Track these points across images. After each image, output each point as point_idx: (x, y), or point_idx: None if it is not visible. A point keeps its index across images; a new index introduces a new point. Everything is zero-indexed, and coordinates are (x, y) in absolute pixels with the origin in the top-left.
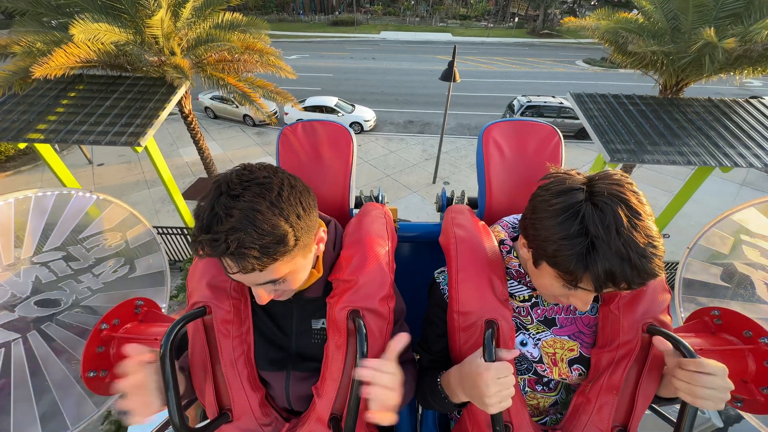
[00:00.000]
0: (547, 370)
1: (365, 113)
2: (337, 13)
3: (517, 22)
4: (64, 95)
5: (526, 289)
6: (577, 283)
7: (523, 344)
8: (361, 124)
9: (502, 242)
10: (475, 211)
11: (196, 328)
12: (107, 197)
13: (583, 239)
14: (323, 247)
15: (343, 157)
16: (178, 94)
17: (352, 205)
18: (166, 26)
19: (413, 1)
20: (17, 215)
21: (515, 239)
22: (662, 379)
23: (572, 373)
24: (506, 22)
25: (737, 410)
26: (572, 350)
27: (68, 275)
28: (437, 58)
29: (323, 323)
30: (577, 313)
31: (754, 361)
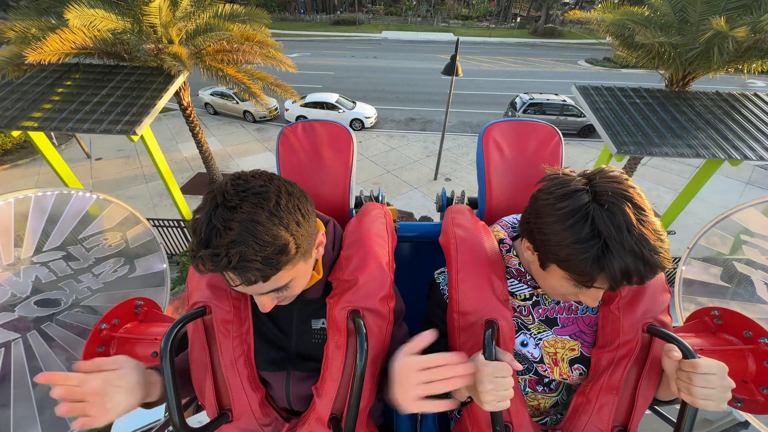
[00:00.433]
0: (547, 370)
1: (366, 110)
2: (338, 12)
3: (519, 22)
4: (59, 84)
5: (526, 287)
6: (591, 284)
7: (524, 344)
8: (362, 120)
9: (501, 241)
10: (475, 211)
11: (196, 328)
12: (107, 197)
13: (596, 241)
14: (323, 250)
15: (343, 156)
16: (176, 83)
17: (352, 205)
18: (164, 15)
19: (415, 1)
20: (17, 215)
21: (515, 239)
22: (661, 381)
23: (573, 372)
24: (508, 22)
25: (737, 410)
26: (573, 350)
27: (68, 275)
28: (439, 57)
29: (323, 323)
30: (578, 312)
31: (754, 361)
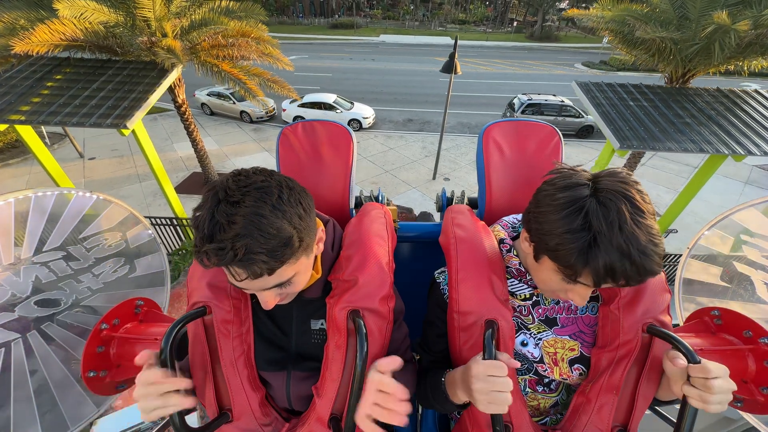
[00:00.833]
0: (547, 370)
1: (364, 110)
2: (336, 16)
3: (515, 27)
4: (49, 77)
5: (526, 287)
6: (576, 277)
7: (524, 344)
8: (359, 121)
9: (501, 241)
10: (475, 211)
11: (196, 328)
12: (107, 197)
13: (585, 234)
14: (323, 246)
15: (343, 157)
16: (170, 76)
17: (352, 205)
18: (158, 9)
19: (412, 5)
20: (17, 215)
21: (515, 239)
22: (661, 381)
23: (573, 372)
24: (504, 26)
25: (737, 410)
26: (573, 350)
27: (68, 275)
28: (436, 60)
29: (322, 323)
30: (578, 312)
31: (754, 361)
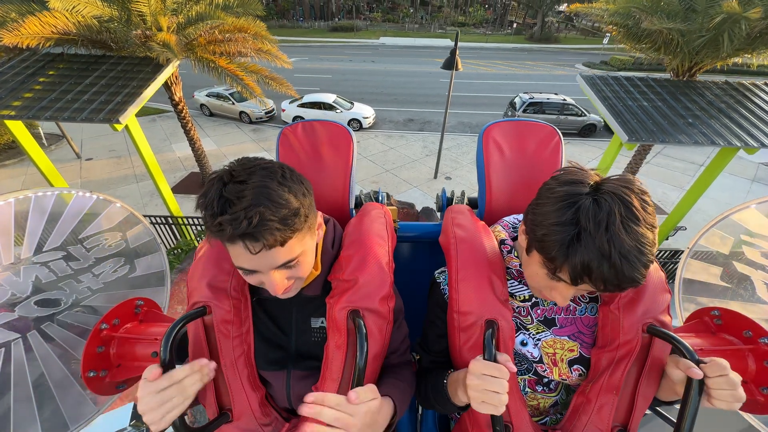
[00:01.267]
0: (547, 370)
1: (364, 110)
2: (336, 19)
3: (515, 28)
4: (41, 73)
5: (526, 289)
6: (555, 271)
7: (523, 344)
8: (359, 121)
9: (502, 242)
10: (475, 211)
11: (196, 328)
12: (108, 197)
13: (571, 228)
14: (322, 233)
15: (343, 157)
16: (165, 71)
17: (352, 205)
18: (153, 3)
19: (412, 8)
20: (17, 215)
21: (516, 239)
22: (661, 381)
23: (572, 373)
24: (504, 29)
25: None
26: (572, 350)
27: (68, 275)
28: (436, 61)
29: (322, 322)
30: (576, 313)
31: (754, 361)
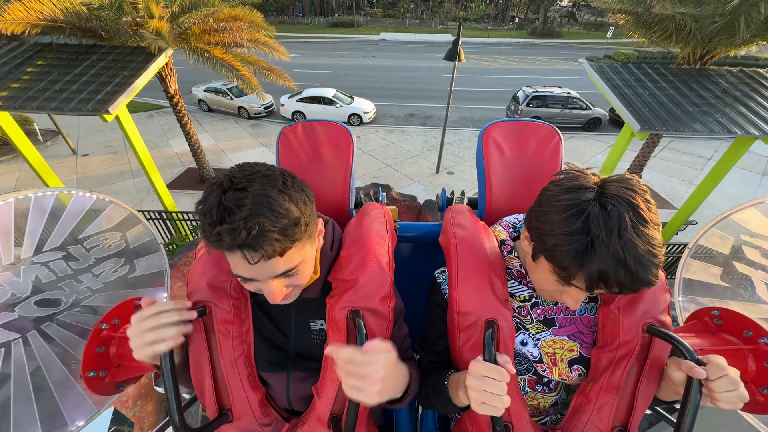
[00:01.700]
0: (546, 370)
1: (364, 105)
2: (336, 15)
3: (516, 23)
4: (30, 63)
5: (526, 289)
6: (570, 279)
7: (523, 344)
8: (360, 115)
9: (503, 242)
10: (475, 211)
11: (196, 328)
12: (108, 197)
13: (583, 237)
14: (323, 240)
15: (343, 157)
16: (157, 61)
17: (352, 205)
18: None
19: (413, 4)
20: (17, 215)
21: (516, 239)
22: (662, 382)
23: (572, 373)
24: (506, 24)
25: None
26: (572, 350)
27: (68, 275)
28: (437, 56)
29: (322, 324)
30: (576, 313)
31: (754, 361)
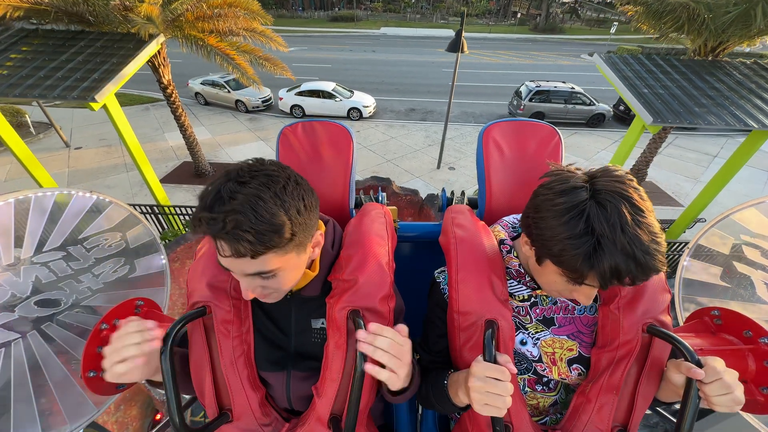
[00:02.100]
0: (546, 369)
1: (364, 99)
2: (336, 9)
3: (519, 19)
4: (14, 49)
5: (525, 289)
6: (582, 280)
7: (522, 343)
8: (360, 110)
9: (502, 242)
10: (475, 211)
11: (196, 328)
12: (108, 197)
13: (589, 238)
14: (319, 251)
15: (343, 157)
16: (148, 47)
17: (352, 205)
18: None
19: None
20: (17, 215)
21: (515, 239)
22: (662, 383)
23: (572, 372)
24: (507, 19)
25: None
26: (571, 350)
27: (68, 275)
28: (438, 51)
29: (323, 323)
30: (575, 312)
31: (754, 361)
